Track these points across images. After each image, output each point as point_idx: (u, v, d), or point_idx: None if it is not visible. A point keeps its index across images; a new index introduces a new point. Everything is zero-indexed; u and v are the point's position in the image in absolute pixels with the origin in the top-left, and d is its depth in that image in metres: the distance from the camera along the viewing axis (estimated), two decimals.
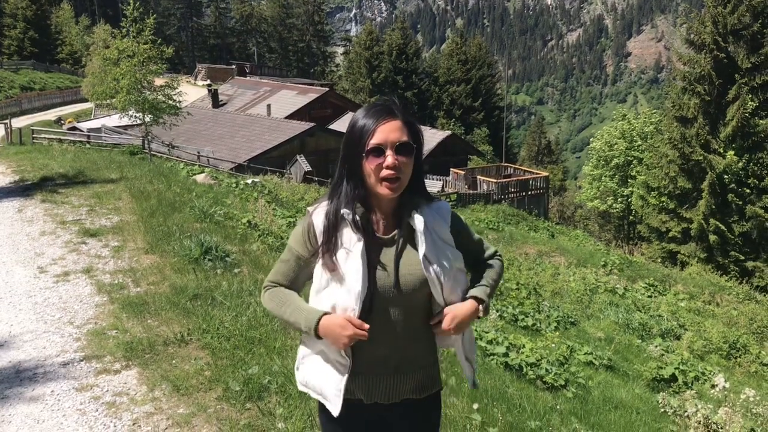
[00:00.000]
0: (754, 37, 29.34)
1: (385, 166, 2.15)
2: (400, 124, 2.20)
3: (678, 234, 30.02)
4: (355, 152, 2.20)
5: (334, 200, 2.24)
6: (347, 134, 2.24)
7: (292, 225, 12.20)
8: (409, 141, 2.20)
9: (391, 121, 2.19)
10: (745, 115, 28.46)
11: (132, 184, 12.53)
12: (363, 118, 2.21)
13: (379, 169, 2.15)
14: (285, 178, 27.82)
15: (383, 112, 2.21)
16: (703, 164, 28.91)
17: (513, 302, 11.50)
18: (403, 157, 2.18)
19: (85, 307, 6.23)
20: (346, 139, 2.24)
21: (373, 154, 2.16)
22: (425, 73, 68.70)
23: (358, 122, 2.21)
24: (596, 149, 40.81)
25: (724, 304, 18.56)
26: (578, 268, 19.77)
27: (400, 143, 2.17)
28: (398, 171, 2.16)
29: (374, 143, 2.15)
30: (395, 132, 2.17)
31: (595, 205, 40.94)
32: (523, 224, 30.83)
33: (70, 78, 58.97)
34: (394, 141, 2.16)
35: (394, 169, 2.15)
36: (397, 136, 2.17)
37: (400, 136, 2.18)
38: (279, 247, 9.01)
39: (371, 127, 2.17)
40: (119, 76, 22.74)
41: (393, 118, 2.20)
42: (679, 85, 31.52)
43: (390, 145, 2.16)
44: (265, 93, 48.65)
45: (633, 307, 14.73)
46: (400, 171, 2.17)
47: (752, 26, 29.11)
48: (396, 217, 2.29)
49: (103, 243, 8.55)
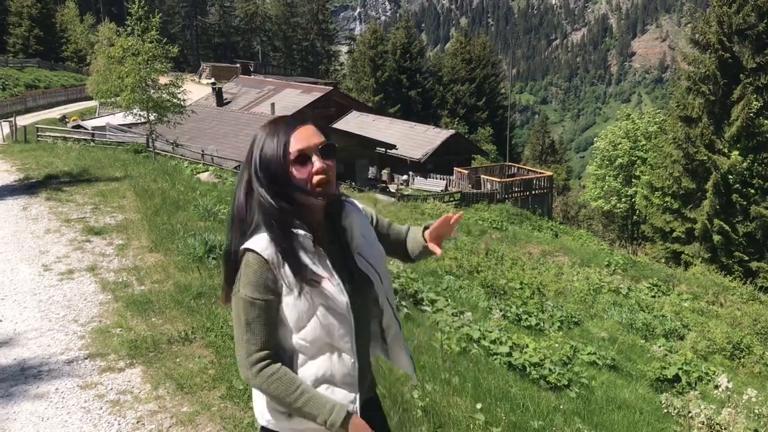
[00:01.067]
0: (759, 37, 29.26)
1: (315, 172, 2.06)
2: (314, 128, 2.13)
3: (682, 234, 29.95)
4: (276, 168, 2.06)
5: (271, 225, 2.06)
6: (260, 153, 2.09)
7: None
8: (330, 142, 2.14)
9: (304, 125, 2.11)
10: (749, 115, 28.40)
11: (136, 183, 12.57)
12: (272, 132, 2.10)
13: (308, 177, 2.06)
14: None
15: (293, 120, 2.13)
16: (707, 164, 28.84)
17: (516, 302, 11.49)
18: (329, 159, 2.11)
19: (90, 305, 6.26)
20: (260, 158, 2.08)
21: (299, 163, 2.06)
22: (429, 72, 68.67)
23: (268, 137, 2.09)
24: (600, 149, 40.73)
25: (728, 305, 18.54)
26: (582, 267, 19.75)
27: (324, 146, 2.10)
28: (328, 174, 2.09)
29: (298, 151, 2.06)
30: (314, 136, 2.10)
31: (599, 204, 40.87)
32: (527, 224, 30.81)
33: (74, 76, 59.06)
34: (317, 145, 2.09)
35: (324, 173, 2.07)
36: (318, 139, 2.10)
37: (320, 139, 2.11)
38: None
39: (288, 137, 2.07)
40: (124, 75, 22.80)
41: (305, 122, 2.13)
42: (684, 85, 31.45)
43: (314, 150, 2.08)
44: (269, 91, 48.67)
45: (636, 307, 14.72)
46: (330, 174, 2.10)
47: (758, 26, 29.03)
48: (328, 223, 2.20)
49: (107, 241, 8.58)
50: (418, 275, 10.77)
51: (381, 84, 62.53)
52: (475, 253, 17.06)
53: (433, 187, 37.21)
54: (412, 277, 9.82)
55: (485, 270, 14.56)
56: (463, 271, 13.98)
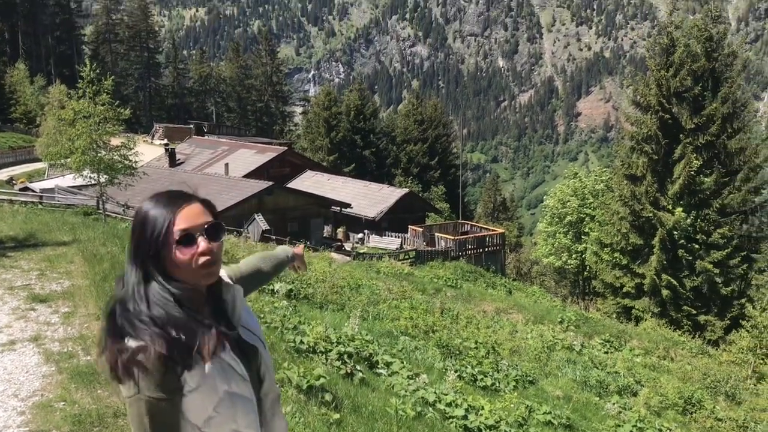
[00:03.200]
0: (696, 99, 30.67)
1: (199, 254, 1.95)
2: (201, 207, 2.03)
3: (632, 289, 30.56)
4: (154, 248, 1.94)
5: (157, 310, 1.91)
6: (140, 231, 1.97)
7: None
8: (217, 221, 2.04)
9: (190, 204, 2.00)
10: (690, 173, 29.47)
11: (85, 247, 12.30)
12: (155, 209, 1.97)
13: (192, 259, 1.94)
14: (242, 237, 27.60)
15: (178, 198, 2.01)
16: (653, 221, 29.70)
17: (472, 362, 11.49)
18: (215, 240, 2.00)
19: (32, 378, 6.03)
20: (141, 236, 1.97)
21: (184, 244, 1.94)
22: (383, 133, 69.76)
23: (150, 213, 1.97)
24: (550, 206, 41.63)
25: (679, 359, 18.84)
26: (536, 325, 19.90)
27: (210, 225, 2.00)
28: (214, 255, 1.98)
29: (180, 230, 1.94)
30: (200, 215, 2.00)
31: (550, 261, 41.51)
32: (481, 281, 31.02)
33: (23, 137, 58.09)
34: (202, 224, 1.98)
35: (210, 254, 1.96)
36: (204, 218, 2.00)
37: (206, 218, 2.01)
38: None
39: (171, 216, 1.95)
40: (74, 137, 22.54)
41: (190, 201, 2.02)
42: (628, 145, 32.55)
43: (199, 230, 1.97)
44: (223, 152, 48.65)
45: (590, 364, 14.84)
46: (216, 255, 2.00)
47: (693, 89, 30.44)
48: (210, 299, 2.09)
49: (52, 309, 8.32)
50: (374, 337, 10.70)
51: (335, 144, 63.17)
52: (430, 313, 17.06)
53: (389, 245, 37.34)
54: (368, 339, 9.76)
55: (440, 329, 14.55)
56: (419, 332, 13.94)
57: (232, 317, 2.11)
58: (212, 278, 2.01)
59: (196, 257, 1.95)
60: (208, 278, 2.00)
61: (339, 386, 6.75)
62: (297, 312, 10.82)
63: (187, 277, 1.97)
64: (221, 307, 2.10)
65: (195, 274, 1.96)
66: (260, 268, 2.69)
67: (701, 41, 30.51)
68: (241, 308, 2.15)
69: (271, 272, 2.79)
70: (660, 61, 30.79)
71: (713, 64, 30.50)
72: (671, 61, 30.38)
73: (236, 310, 2.13)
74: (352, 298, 15.88)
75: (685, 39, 30.88)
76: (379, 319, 14.22)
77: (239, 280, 2.48)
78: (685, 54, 30.17)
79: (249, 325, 2.17)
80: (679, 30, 31.65)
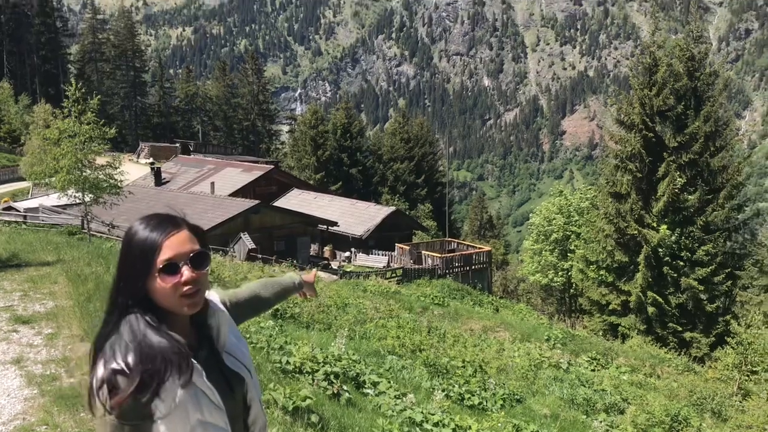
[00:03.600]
0: (678, 118, 31.00)
1: (183, 283, 1.93)
2: (188, 234, 2.00)
3: (618, 306, 30.65)
4: (138, 273, 1.93)
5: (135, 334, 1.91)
6: (125, 254, 1.96)
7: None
8: (203, 250, 2.01)
9: (177, 232, 1.98)
10: (674, 191, 29.71)
11: (69, 267, 12.20)
12: (142, 233, 1.96)
13: (176, 288, 1.93)
14: (228, 256, 27.48)
15: (167, 224, 1.99)
16: (638, 238, 29.88)
17: (459, 381, 11.46)
18: (201, 269, 1.98)
19: (13, 402, 5.95)
20: (126, 260, 1.96)
21: (167, 272, 1.92)
22: (369, 151, 69.98)
23: (136, 238, 1.95)
24: (536, 224, 41.80)
25: (665, 376, 18.89)
26: (522, 343, 19.90)
27: (194, 254, 1.97)
28: (198, 284, 1.97)
29: (165, 259, 1.92)
30: (186, 243, 1.97)
31: (537, 279, 41.60)
32: (468, 299, 31.03)
33: (7, 157, 57.74)
34: (188, 253, 1.96)
35: (193, 283, 1.95)
36: (190, 247, 1.97)
37: (192, 246, 1.98)
38: None
39: (157, 243, 1.93)
40: (59, 156, 22.43)
41: (178, 228, 1.99)
42: (612, 163, 32.79)
43: (184, 259, 1.95)
44: (209, 171, 48.55)
45: (577, 382, 14.84)
46: (200, 284, 1.98)
47: (676, 108, 30.79)
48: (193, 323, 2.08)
49: (35, 331, 8.24)
50: (360, 356, 10.66)
51: (322, 162, 63.25)
52: (417, 331, 17.03)
53: (376, 263, 37.31)
54: (354, 359, 9.72)
55: (427, 348, 14.52)
56: (406, 351, 13.90)
57: (217, 343, 2.11)
58: (195, 308, 2.00)
59: (180, 286, 1.94)
60: (191, 308, 1.98)
61: (325, 407, 6.72)
62: (283, 332, 10.77)
63: (170, 305, 1.97)
64: (206, 333, 2.10)
65: (177, 302, 1.96)
66: (259, 294, 2.66)
67: (683, 61, 30.90)
68: (226, 334, 2.13)
69: (273, 299, 2.75)
70: (643, 81, 31.13)
71: (695, 84, 30.89)
72: (654, 80, 30.72)
73: (221, 336, 2.12)
74: (339, 318, 15.83)
75: (667, 58, 31.25)
76: (366, 339, 14.17)
77: (235, 305, 2.46)
78: (667, 73, 30.53)
79: (235, 353, 2.14)
80: (661, 50, 32.05)
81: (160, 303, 1.96)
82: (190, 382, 1.91)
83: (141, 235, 1.96)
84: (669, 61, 31.06)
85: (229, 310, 2.31)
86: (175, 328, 1.98)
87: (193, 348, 2.01)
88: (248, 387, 2.14)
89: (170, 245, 1.94)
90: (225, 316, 2.16)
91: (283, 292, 2.79)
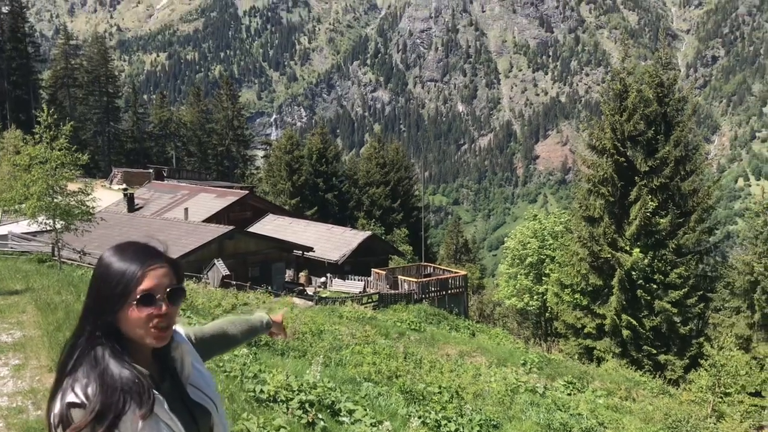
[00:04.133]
0: (649, 143, 31.50)
1: (157, 315, 1.94)
2: (168, 268, 2.01)
3: (593, 330, 30.80)
4: (113, 301, 1.92)
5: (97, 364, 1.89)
6: (100, 281, 1.95)
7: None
8: (181, 286, 2.03)
9: (160, 264, 1.98)
10: (646, 215, 30.08)
11: (38, 296, 11.97)
12: (121, 261, 1.95)
13: (149, 320, 1.93)
14: (201, 283, 27.19)
15: (149, 255, 1.99)
16: (611, 261, 30.15)
17: (436, 407, 11.38)
18: (175, 305, 1.99)
19: None
20: (100, 287, 1.94)
21: (144, 303, 1.92)
22: (345, 176, 70.07)
23: (115, 265, 1.94)
24: (510, 248, 42.01)
25: (640, 399, 18.97)
26: (499, 367, 19.88)
27: (173, 289, 1.99)
28: (169, 319, 1.97)
29: (144, 290, 1.92)
30: (165, 277, 1.97)
31: (512, 302, 41.70)
32: (445, 324, 30.98)
33: None
34: (166, 287, 1.97)
35: (166, 318, 1.95)
36: (168, 281, 1.98)
37: (171, 281, 1.99)
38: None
39: (137, 273, 1.93)
40: (30, 182, 22.11)
41: (160, 261, 2.00)
42: (585, 187, 33.14)
43: (162, 293, 1.95)
44: (183, 196, 48.20)
45: (553, 407, 14.83)
46: (171, 319, 1.99)
47: (647, 133, 31.30)
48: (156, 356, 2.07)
49: (2, 362, 8.04)
50: (336, 384, 10.56)
51: (297, 187, 63.17)
52: (393, 357, 16.94)
53: (352, 288, 37.16)
54: (330, 386, 9.62)
55: (404, 374, 14.43)
56: (382, 377, 13.80)
57: (181, 375, 2.10)
58: (163, 341, 2.00)
59: (153, 318, 1.94)
60: (159, 341, 1.98)
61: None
62: (257, 359, 10.63)
63: (138, 336, 1.96)
64: (169, 365, 2.09)
65: (146, 334, 1.95)
66: (225, 331, 2.65)
67: (653, 87, 31.51)
68: (190, 366, 2.13)
69: (240, 337, 2.74)
70: (614, 106, 31.65)
71: (665, 109, 31.47)
72: (625, 105, 31.25)
73: (185, 368, 2.11)
74: (315, 344, 15.69)
75: (637, 85, 31.84)
76: (342, 366, 14.05)
77: (200, 340, 2.45)
78: (637, 99, 31.07)
79: (199, 385, 2.14)
80: (631, 76, 32.66)
81: (128, 333, 1.96)
82: (151, 413, 1.89)
83: (120, 263, 1.95)
84: (639, 87, 31.64)
85: (194, 344, 2.31)
86: (139, 360, 1.98)
87: (155, 380, 2.00)
88: (214, 420, 2.13)
89: (151, 276, 1.94)
90: (188, 348, 2.16)
91: (251, 330, 2.79)
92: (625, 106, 31.12)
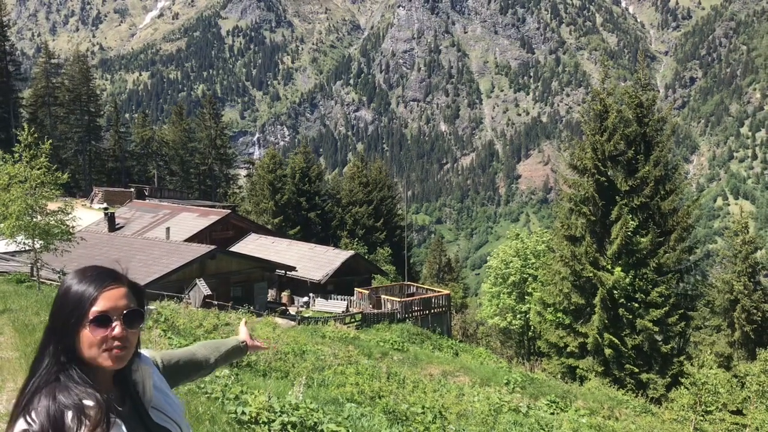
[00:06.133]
0: (629, 163, 31.85)
1: (111, 338, 1.93)
2: (126, 291, 2.01)
3: (575, 349, 30.86)
4: (70, 323, 1.92)
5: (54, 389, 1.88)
6: (59, 302, 1.96)
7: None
8: (138, 308, 2.02)
9: (116, 286, 1.99)
10: (627, 234, 30.31)
11: (16, 317, 11.80)
12: (80, 283, 1.96)
13: (103, 341, 1.93)
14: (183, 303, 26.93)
15: (106, 278, 2.00)
16: (593, 280, 30.29)
17: (419, 427, 11.32)
18: (132, 328, 1.98)
19: None
20: (58, 307, 1.95)
21: (97, 324, 1.92)
22: (328, 195, 70.08)
23: (73, 287, 1.96)
24: (493, 267, 42.12)
25: (623, 419, 18.99)
26: (482, 387, 19.84)
27: (129, 311, 1.98)
28: (126, 342, 1.96)
29: (98, 311, 1.92)
30: (122, 299, 1.98)
31: (495, 321, 41.74)
32: (428, 343, 30.91)
33: None
34: (122, 309, 1.96)
35: (122, 341, 1.94)
36: (125, 303, 1.98)
37: (128, 304, 1.99)
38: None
39: (93, 294, 1.94)
40: (8, 202, 21.83)
41: (118, 284, 2.00)
42: (566, 206, 33.36)
43: (117, 314, 1.95)
44: (164, 216, 47.87)
45: (537, 426, 14.81)
46: (128, 342, 1.97)
47: (627, 152, 31.66)
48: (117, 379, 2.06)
49: None
50: (319, 405, 10.47)
51: (280, 206, 63.04)
52: (376, 378, 16.85)
53: (334, 308, 37.00)
54: (312, 407, 9.54)
55: (387, 395, 14.35)
56: (365, 398, 13.71)
57: (143, 398, 2.09)
58: (120, 364, 1.98)
59: (108, 340, 1.93)
60: (116, 363, 1.96)
61: None
62: (239, 380, 10.53)
63: (93, 357, 1.95)
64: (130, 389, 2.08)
65: (101, 356, 1.94)
66: (195, 354, 2.62)
67: (632, 107, 31.93)
68: (151, 389, 2.12)
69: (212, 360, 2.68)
70: (594, 126, 31.99)
71: (645, 129, 31.87)
72: (605, 126, 31.61)
73: (147, 392, 2.10)
74: (297, 365, 15.57)
75: (617, 105, 32.25)
76: (325, 386, 13.95)
77: (169, 365, 2.43)
78: (617, 119, 31.45)
79: (163, 408, 2.13)
80: (611, 97, 33.07)
81: (84, 354, 1.94)
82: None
83: (78, 285, 1.96)
84: (619, 107, 32.05)
85: (161, 369, 2.31)
86: (99, 383, 1.96)
87: (116, 403, 1.99)
88: None
89: (106, 298, 1.95)
90: (150, 371, 2.14)
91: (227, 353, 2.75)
92: (606, 126, 31.46)
